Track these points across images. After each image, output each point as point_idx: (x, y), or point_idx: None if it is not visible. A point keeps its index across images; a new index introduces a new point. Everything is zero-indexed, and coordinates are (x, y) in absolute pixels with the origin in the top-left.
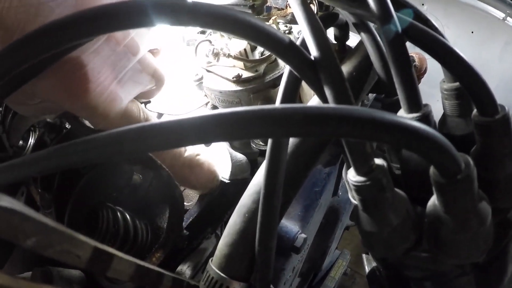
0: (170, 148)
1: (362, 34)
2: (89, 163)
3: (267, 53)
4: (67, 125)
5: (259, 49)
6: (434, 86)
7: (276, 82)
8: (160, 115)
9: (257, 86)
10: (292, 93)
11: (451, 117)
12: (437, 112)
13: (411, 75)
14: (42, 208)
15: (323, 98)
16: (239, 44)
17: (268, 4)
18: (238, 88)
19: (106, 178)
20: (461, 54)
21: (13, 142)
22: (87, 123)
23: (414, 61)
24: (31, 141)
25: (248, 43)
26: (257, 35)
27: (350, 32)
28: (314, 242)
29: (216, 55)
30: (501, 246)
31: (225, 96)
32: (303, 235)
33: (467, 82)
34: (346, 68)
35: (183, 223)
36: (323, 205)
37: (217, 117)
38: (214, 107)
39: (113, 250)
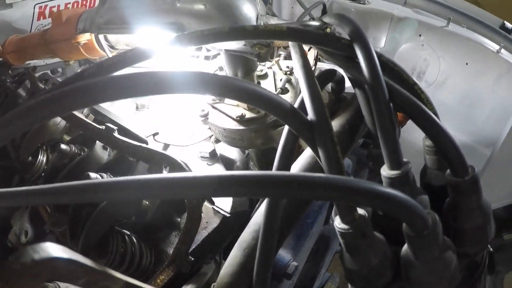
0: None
1: (356, 89)
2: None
3: None
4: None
5: None
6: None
7: (276, 123)
8: (166, 146)
9: (259, 126)
10: (291, 150)
11: (430, 169)
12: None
13: (394, 138)
14: (50, 226)
15: (317, 155)
16: None
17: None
18: (241, 127)
19: (119, 207)
20: (438, 121)
21: (23, 158)
22: None
23: None
24: (41, 158)
25: None
26: (261, 101)
27: None
28: (304, 267)
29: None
30: (470, 285)
31: (229, 133)
32: (295, 263)
33: (442, 148)
34: (340, 121)
35: None
36: (314, 234)
37: (224, 178)
38: (217, 141)
39: (141, 283)
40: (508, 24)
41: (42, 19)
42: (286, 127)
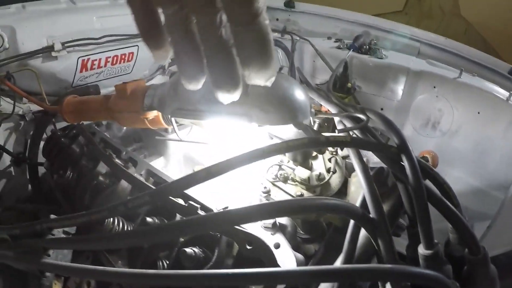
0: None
1: (398, 183)
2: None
3: (323, 178)
4: None
5: (316, 173)
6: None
7: None
8: None
9: None
10: (356, 239)
11: (453, 243)
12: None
13: (430, 226)
14: None
15: (377, 244)
16: (304, 172)
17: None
18: None
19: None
20: (459, 214)
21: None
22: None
23: (428, 161)
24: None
25: (311, 172)
26: (338, 210)
27: None
28: None
29: (285, 179)
30: None
31: None
32: None
33: (461, 233)
34: (386, 206)
35: None
36: None
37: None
38: None
39: None
40: None
41: (84, 71)
42: (352, 222)
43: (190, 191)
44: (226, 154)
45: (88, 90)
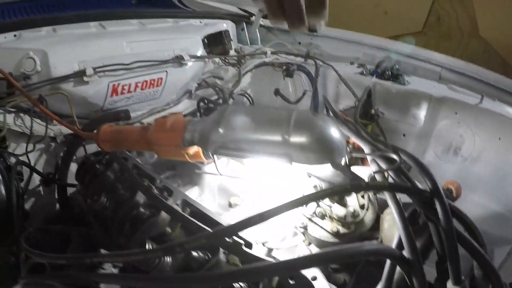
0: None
1: (430, 223)
2: None
3: (357, 215)
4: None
5: (351, 210)
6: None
7: (362, 236)
8: (269, 249)
9: (349, 240)
10: (391, 278)
11: (478, 279)
12: None
13: (458, 265)
14: None
15: (411, 281)
16: (341, 210)
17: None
18: (336, 240)
19: None
20: (483, 253)
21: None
22: None
23: (452, 192)
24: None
25: (347, 209)
26: (378, 253)
27: None
28: None
29: (323, 216)
30: None
31: (323, 243)
32: None
33: (484, 271)
34: (417, 243)
35: None
36: None
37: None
38: (309, 243)
39: None
40: None
41: (115, 95)
42: (388, 262)
43: None
44: (262, 188)
45: (119, 114)
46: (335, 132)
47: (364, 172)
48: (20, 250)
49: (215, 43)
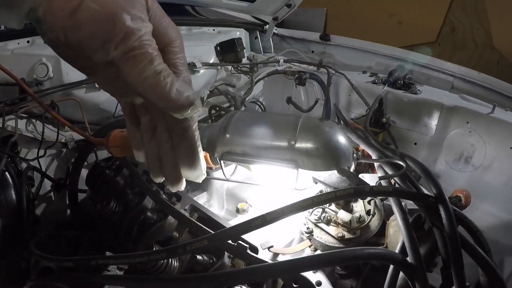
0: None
1: (435, 229)
2: None
3: (363, 221)
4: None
5: (356, 215)
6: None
7: (367, 241)
8: (275, 255)
9: (354, 244)
10: (394, 282)
11: (483, 285)
12: None
13: (462, 270)
14: None
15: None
16: (346, 216)
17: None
18: (341, 245)
19: None
20: (489, 260)
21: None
22: None
23: (461, 200)
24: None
25: (353, 215)
26: (382, 258)
27: None
28: None
29: (328, 221)
30: None
31: (329, 248)
32: None
33: (491, 279)
34: (422, 249)
35: None
36: None
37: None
38: (315, 249)
39: None
40: None
41: None
42: (391, 267)
43: None
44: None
45: None
46: (341, 138)
47: (372, 179)
48: (30, 255)
49: (228, 51)
